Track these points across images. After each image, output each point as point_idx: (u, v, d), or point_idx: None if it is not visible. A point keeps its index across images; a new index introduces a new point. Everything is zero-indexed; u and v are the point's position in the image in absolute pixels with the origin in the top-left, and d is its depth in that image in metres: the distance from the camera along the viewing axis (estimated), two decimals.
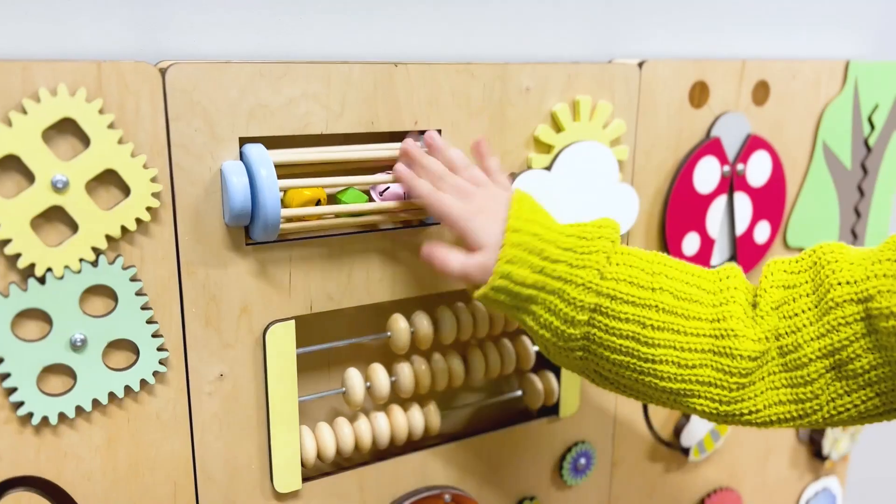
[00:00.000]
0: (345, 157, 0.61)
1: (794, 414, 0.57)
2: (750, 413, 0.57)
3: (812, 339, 0.55)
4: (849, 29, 0.97)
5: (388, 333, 0.69)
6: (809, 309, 0.55)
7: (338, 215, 0.62)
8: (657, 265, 0.58)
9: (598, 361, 0.59)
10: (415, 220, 0.67)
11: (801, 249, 0.95)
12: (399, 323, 0.69)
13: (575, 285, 0.57)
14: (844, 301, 0.54)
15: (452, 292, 0.73)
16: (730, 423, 0.59)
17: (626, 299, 0.57)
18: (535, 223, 0.58)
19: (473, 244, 0.58)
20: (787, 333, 0.56)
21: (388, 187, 0.64)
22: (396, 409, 0.71)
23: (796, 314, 0.56)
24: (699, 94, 0.81)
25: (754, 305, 0.57)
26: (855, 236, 1.00)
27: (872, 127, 0.96)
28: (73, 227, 0.53)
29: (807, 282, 0.56)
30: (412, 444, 0.74)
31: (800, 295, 0.56)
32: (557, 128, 0.72)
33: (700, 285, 0.58)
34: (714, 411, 0.57)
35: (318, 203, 0.61)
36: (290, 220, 0.59)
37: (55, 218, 0.53)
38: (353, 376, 0.68)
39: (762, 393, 0.57)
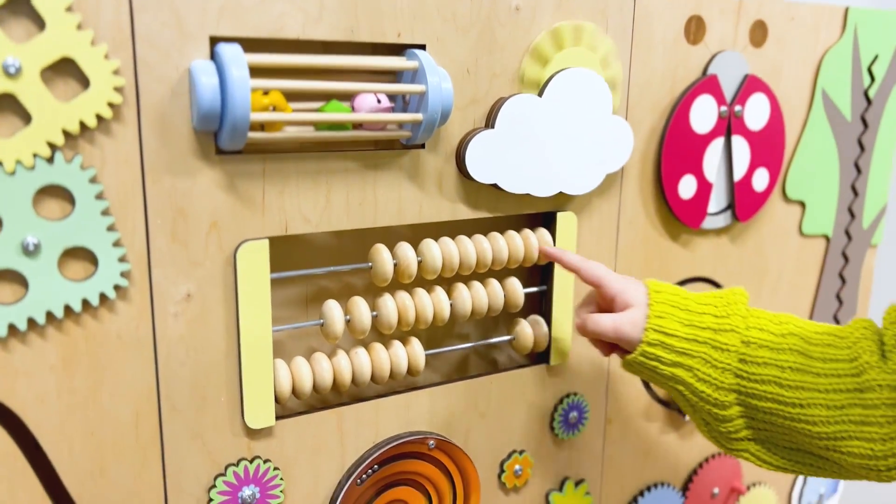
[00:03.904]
0: (326, 64, 0.58)
1: None
2: None
3: None
4: None
5: (370, 264, 0.66)
6: None
7: (317, 127, 0.58)
8: (785, 318, 0.62)
9: (753, 414, 0.61)
10: (398, 139, 0.63)
11: (800, 202, 0.92)
12: (381, 253, 0.65)
13: (725, 332, 0.61)
14: None
15: (438, 224, 0.69)
16: (889, 474, 0.57)
17: (762, 343, 0.60)
18: (670, 287, 0.64)
19: (625, 303, 0.64)
20: None
21: (380, 99, 0.60)
22: (378, 346, 0.67)
23: None
24: (695, 29, 0.78)
25: (882, 344, 0.57)
26: (855, 193, 0.96)
27: (872, 78, 0.93)
28: (27, 118, 0.49)
29: None
30: (395, 386, 0.70)
31: None
32: (549, 52, 0.68)
33: (829, 331, 0.60)
34: (870, 452, 0.56)
35: (272, 110, 0.56)
36: (260, 127, 0.56)
37: (6, 107, 0.49)
38: (332, 308, 0.64)
39: None
